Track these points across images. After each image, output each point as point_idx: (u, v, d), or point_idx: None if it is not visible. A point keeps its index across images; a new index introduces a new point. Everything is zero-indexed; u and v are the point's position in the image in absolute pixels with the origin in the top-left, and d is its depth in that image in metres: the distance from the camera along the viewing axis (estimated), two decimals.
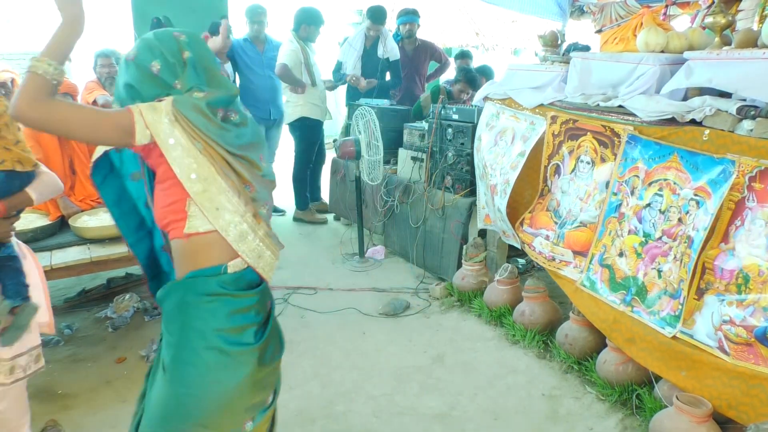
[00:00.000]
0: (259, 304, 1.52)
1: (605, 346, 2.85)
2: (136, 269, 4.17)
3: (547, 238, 3.22)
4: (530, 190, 3.45)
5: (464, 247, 3.89)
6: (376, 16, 5.27)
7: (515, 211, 3.45)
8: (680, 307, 2.42)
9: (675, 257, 2.48)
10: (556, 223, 3.21)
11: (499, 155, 3.53)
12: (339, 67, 5.49)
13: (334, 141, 5.15)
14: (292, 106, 5.27)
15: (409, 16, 5.65)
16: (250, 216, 1.44)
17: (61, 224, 3.32)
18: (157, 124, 1.35)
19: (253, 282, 1.52)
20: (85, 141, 1.42)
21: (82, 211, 3.41)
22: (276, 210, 5.76)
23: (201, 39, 1.52)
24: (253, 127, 1.56)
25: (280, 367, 1.63)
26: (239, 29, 5.78)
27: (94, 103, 4.24)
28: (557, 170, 3.23)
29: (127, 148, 1.47)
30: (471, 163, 3.93)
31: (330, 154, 5.62)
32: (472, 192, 3.97)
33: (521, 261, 4.29)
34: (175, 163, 1.36)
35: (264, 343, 1.51)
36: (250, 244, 1.45)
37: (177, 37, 1.46)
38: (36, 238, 3.13)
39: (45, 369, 3.03)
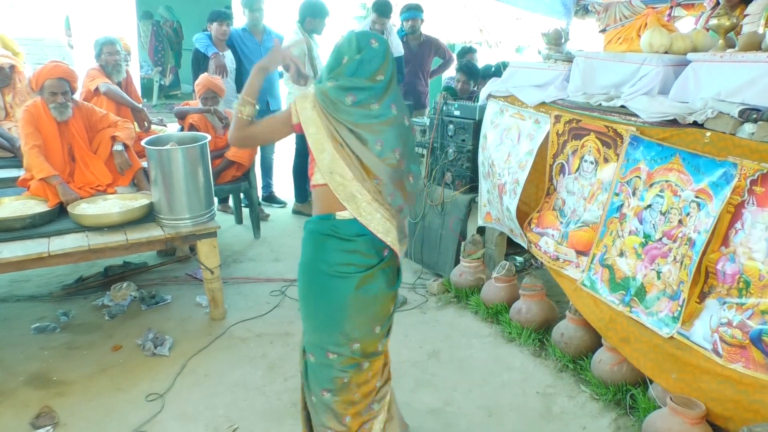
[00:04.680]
0: (365, 249, 1.91)
1: (600, 345, 2.86)
2: (134, 258, 4.17)
3: (552, 237, 3.22)
4: (534, 189, 3.45)
5: (462, 243, 3.89)
6: (382, 9, 5.24)
7: (520, 210, 3.44)
8: (679, 308, 2.42)
9: (675, 259, 2.48)
10: (561, 222, 3.21)
11: (505, 154, 3.53)
12: None
13: None
14: (293, 98, 5.25)
15: (412, 12, 5.63)
16: (357, 183, 1.84)
17: (60, 211, 3.32)
18: (303, 109, 1.87)
19: (361, 231, 1.90)
20: (271, 142, 1.98)
21: (81, 198, 3.40)
22: (277, 202, 5.77)
23: (388, 48, 1.92)
24: (392, 123, 1.89)
25: (392, 306, 2.06)
26: (238, 19, 5.76)
27: (96, 90, 4.23)
28: (562, 169, 3.23)
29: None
30: (471, 159, 3.93)
31: None
32: (472, 189, 3.96)
33: (519, 259, 4.29)
34: (309, 136, 1.86)
35: (364, 278, 1.91)
36: (359, 203, 1.86)
37: (370, 43, 1.88)
38: (34, 225, 3.13)
39: (41, 355, 3.06)
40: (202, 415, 2.63)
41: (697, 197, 2.43)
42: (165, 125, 5.21)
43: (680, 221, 2.49)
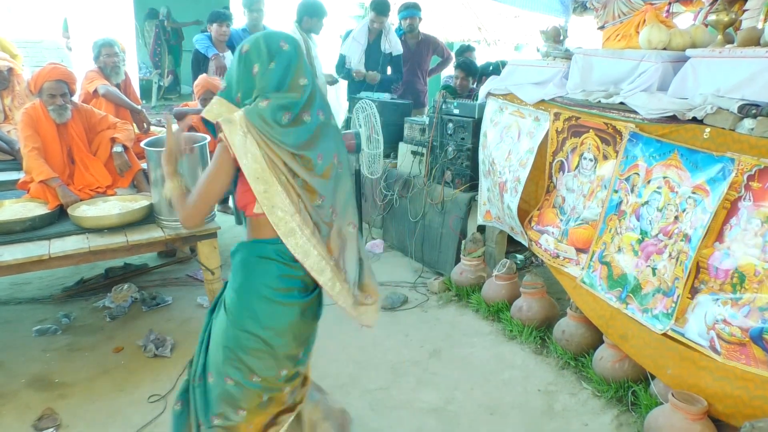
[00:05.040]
0: (307, 276, 1.81)
1: (602, 342, 2.86)
2: (135, 260, 4.18)
3: (552, 234, 3.22)
4: (534, 186, 3.45)
5: (463, 242, 3.89)
6: (380, 7, 5.25)
7: (520, 209, 3.44)
8: (673, 305, 2.42)
9: (670, 255, 2.48)
10: (561, 220, 3.21)
11: (506, 152, 3.52)
12: (343, 61, 5.46)
13: None
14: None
15: (410, 11, 5.63)
16: (298, 217, 1.72)
17: (60, 213, 3.31)
18: (233, 136, 1.65)
19: None
20: (222, 193, 1.81)
21: (81, 200, 3.40)
22: None
23: (299, 46, 1.77)
24: (324, 129, 1.78)
25: (316, 329, 2.00)
26: (238, 19, 5.77)
27: (95, 92, 4.22)
28: (561, 167, 3.23)
29: None
30: (471, 158, 3.92)
31: None
32: (472, 187, 3.96)
33: (519, 257, 4.29)
34: (245, 167, 1.66)
35: (306, 303, 1.84)
36: (298, 240, 1.73)
37: (281, 46, 1.72)
38: (34, 227, 3.12)
39: (42, 357, 3.06)
40: None
41: (694, 193, 2.43)
42: (164, 126, 5.21)
43: (676, 217, 2.49)
